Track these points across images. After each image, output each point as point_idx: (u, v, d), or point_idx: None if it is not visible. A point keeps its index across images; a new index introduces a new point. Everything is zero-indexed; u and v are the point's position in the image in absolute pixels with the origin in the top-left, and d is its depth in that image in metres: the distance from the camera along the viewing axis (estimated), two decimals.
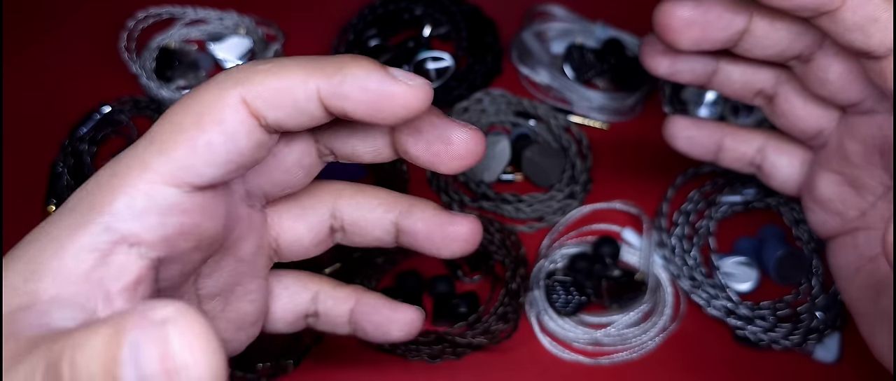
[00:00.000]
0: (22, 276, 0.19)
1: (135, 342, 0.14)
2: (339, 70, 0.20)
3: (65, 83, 0.43)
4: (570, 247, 0.36)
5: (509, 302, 0.34)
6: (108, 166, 0.21)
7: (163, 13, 0.45)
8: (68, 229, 0.20)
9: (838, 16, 0.23)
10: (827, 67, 0.25)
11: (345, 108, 0.20)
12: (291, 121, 0.21)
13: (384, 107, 0.20)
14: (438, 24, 0.44)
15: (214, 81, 0.21)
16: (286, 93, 0.20)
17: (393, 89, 0.20)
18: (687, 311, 0.35)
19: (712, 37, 0.25)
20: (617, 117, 0.41)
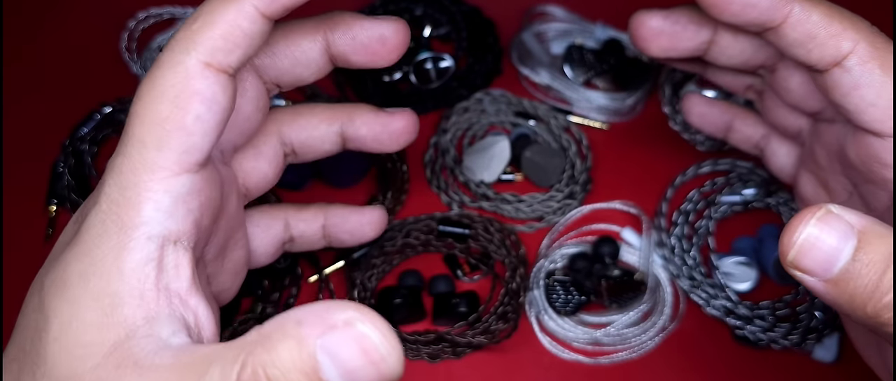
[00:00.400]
0: (99, 312, 0.19)
1: (327, 346, 0.16)
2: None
3: (66, 83, 0.43)
4: (569, 247, 0.37)
5: (509, 302, 0.34)
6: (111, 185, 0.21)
7: (163, 13, 0.45)
8: (112, 253, 0.20)
9: (781, 32, 0.24)
10: (788, 77, 0.27)
11: (285, 4, 0.23)
12: (250, 51, 0.22)
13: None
14: (438, 25, 0.44)
15: (168, 54, 0.21)
16: (233, 27, 0.21)
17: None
18: (686, 311, 0.35)
19: (680, 46, 0.28)
20: (617, 118, 0.41)
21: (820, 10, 0.24)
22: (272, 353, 0.16)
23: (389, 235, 0.36)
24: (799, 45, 0.24)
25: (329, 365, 0.16)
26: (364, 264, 0.35)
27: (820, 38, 0.24)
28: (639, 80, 0.41)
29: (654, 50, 0.28)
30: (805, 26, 0.24)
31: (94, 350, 0.19)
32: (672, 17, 0.27)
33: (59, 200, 0.39)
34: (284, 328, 0.17)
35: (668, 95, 0.41)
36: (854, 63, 0.23)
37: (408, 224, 0.36)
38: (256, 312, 0.34)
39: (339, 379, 0.16)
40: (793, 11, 0.24)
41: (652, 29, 0.28)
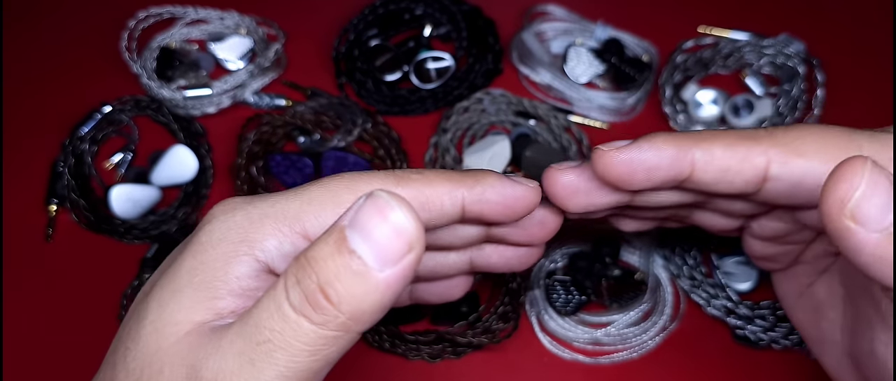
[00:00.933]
0: (195, 299, 0.21)
1: (353, 220, 0.18)
2: (478, 181, 0.24)
3: (66, 83, 0.43)
4: (570, 246, 0.36)
5: (509, 301, 0.34)
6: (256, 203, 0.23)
7: (164, 13, 0.45)
8: (224, 258, 0.22)
9: (695, 179, 0.24)
10: (728, 205, 0.26)
11: (483, 211, 0.24)
12: (432, 222, 0.24)
13: (515, 206, 0.25)
14: (439, 24, 0.44)
15: (378, 176, 0.23)
16: (437, 199, 0.24)
17: (522, 192, 0.25)
18: (687, 310, 0.35)
19: (600, 201, 0.26)
20: (617, 117, 0.41)
21: (719, 142, 0.23)
22: (310, 249, 0.18)
23: None
24: (718, 183, 0.24)
25: (355, 236, 0.18)
26: None
27: (733, 168, 0.23)
28: (639, 80, 0.41)
29: (573, 207, 0.26)
30: (714, 165, 0.23)
31: (181, 328, 0.20)
32: (585, 172, 0.25)
33: (60, 199, 0.39)
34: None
35: (668, 95, 0.41)
36: (777, 169, 0.23)
37: None
38: None
39: (365, 247, 0.18)
40: (695, 158, 0.23)
41: (566, 186, 0.26)
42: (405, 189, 0.23)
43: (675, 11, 0.46)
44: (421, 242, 0.18)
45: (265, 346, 0.19)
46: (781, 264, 0.29)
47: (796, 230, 0.26)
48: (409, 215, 0.18)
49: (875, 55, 0.44)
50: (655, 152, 0.23)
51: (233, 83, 0.42)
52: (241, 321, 0.19)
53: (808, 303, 0.28)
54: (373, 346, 0.34)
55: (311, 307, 0.18)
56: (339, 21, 0.45)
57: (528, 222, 0.26)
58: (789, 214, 0.25)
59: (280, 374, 0.19)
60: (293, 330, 0.18)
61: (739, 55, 0.43)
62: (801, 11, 0.46)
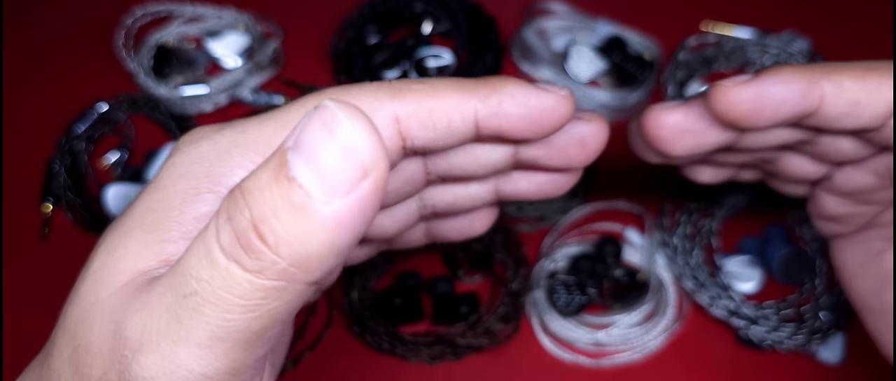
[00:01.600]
0: (142, 243, 0.18)
1: (296, 139, 0.14)
2: (495, 90, 0.20)
3: (62, 81, 0.43)
4: (571, 246, 0.36)
5: (510, 302, 0.34)
6: (225, 135, 0.19)
7: (160, 10, 0.44)
8: (183, 196, 0.18)
9: (821, 113, 0.22)
10: (836, 142, 0.24)
11: (501, 126, 0.20)
12: (438, 142, 0.20)
13: (542, 119, 0.20)
14: (438, 21, 0.44)
15: (369, 88, 0.19)
16: (443, 114, 0.19)
17: (549, 101, 0.20)
18: (690, 311, 0.35)
19: (707, 142, 0.24)
20: (619, 115, 0.41)
21: (849, 74, 0.22)
22: (246, 178, 0.15)
23: None
24: (844, 117, 0.22)
25: (297, 159, 0.14)
26: (363, 264, 0.35)
27: (863, 101, 0.22)
28: (641, 77, 0.41)
29: (678, 150, 0.23)
30: (844, 98, 0.22)
31: (120, 277, 0.17)
32: (693, 111, 0.23)
33: (56, 198, 0.38)
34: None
35: (670, 93, 0.41)
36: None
37: None
38: None
39: (308, 173, 0.14)
40: (825, 90, 0.22)
41: (672, 127, 0.23)
42: (402, 102, 0.19)
43: (677, 8, 0.46)
44: (380, 165, 0.14)
45: (192, 299, 0.15)
46: (849, 228, 0.27)
47: (883, 186, 0.25)
48: (364, 129, 0.14)
49: (880, 53, 0.44)
50: (784, 86, 0.21)
51: (230, 81, 0.41)
52: (170, 270, 0.16)
53: (875, 272, 0.27)
54: (372, 347, 0.34)
55: (244, 251, 0.15)
56: (338, 18, 0.44)
57: (564, 140, 0.22)
58: (884, 165, 0.24)
59: (212, 334, 0.15)
60: (223, 279, 0.15)
61: (743, 53, 0.42)
62: (806, 8, 0.45)
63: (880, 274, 0.26)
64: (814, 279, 0.34)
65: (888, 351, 0.27)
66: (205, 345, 0.15)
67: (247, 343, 0.16)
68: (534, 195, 0.24)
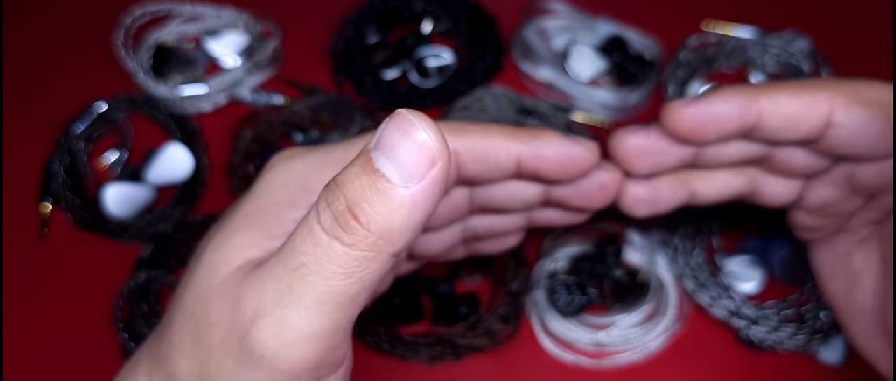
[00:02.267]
0: (248, 238, 0.22)
1: (377, 140, 0.18)
2: (535, 137, 0.25)
3: (60, 80, 0.43)
4: (572, 246, 0.36)
5: (510, 302, 0.34)
6: (317, 154, 0.24)
7: (160, 9, 0.44)
8: (281, 204, 0.23)
9: (761, 127, 0.25)
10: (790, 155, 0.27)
11: (538, 168, 0.25)
12: (486, 175, 0.25)
13: (571, 165, 0.25)
14: (438, 21, 0.44)
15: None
16: (493, 152, 0.25)
17: (579, 152, 0.25)
18: (690, 312, 0.35)
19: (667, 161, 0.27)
20: (619, 115, 0.41)
21: (785, 91, 0.25)
22: (339, 173, 0.19)
23: None
24: (784, 130, 0.25)
25: (380, 156, 0.18)
26: None
27: (798, 114, 0.24)
28: (641, 77, 0.41)
29: (641, 168, 0.27)
30: (780, 113, 0.24)
31: (232, 264, 0.21)
32: (652, 133, 0.26)
33: (55, 198, 0.38)
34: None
35: (671, 92, 0.41)
36: (840, 117, 0.24)
37: None
38: None
39: (389, 165, 0.18)
40: (763, 106, 0.24)
41: (634, 148, 0.26)
42: (462, 139, 0.24)
43: (678, 7, 0.46)
44: (444, 156, 0.18)
45: (300, 270, 0.19)
46: (822, 234, 0.29)
47: (845, 197, 0.27)
48: (431, 130, 0.18)
49: (881, 52, 0.43)
50: (725, 103, 0.25)
51: (229, 80, 0.41)
52: (279, 250, 0.20)
53: (844, 272, 0.29)
54: (372, 348, 0.34)
55: (342, 229, 0.18)
56: (338, 17, 0.44)
57: (588, 184, 0.27)
58: (842, 176, 0.26)
59: (317, 298, 0.19)
60: (326, 253, 0.18)
61: (744, 52, 0.42)
62: (807, 7, 0.45)
63: (848, 275, 0.28)
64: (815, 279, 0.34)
65: (860, 347, 0.28)
66: (311, 307, 0.19)
67: (344, 306, 0.19)
68: (558, 224, 0.29)
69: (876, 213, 0.27)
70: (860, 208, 0.27)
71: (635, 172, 0.27)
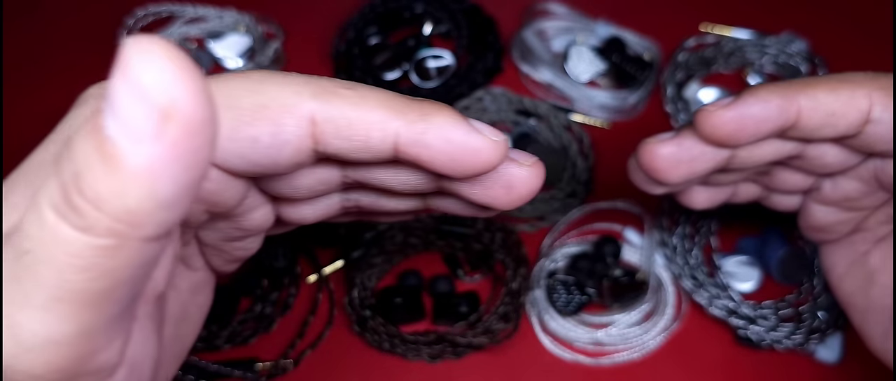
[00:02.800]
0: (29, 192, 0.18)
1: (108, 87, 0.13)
2: (423, 117, 0.19)
3: (64, 81, 0.43)
4: (571, 246, 0.36)
5: (510, 302, 0.34)
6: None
7: (162, 11, 0.44)
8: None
9: (800, 126, 0.24)
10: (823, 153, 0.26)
11: (420, 156, 0.19)
12: (352, 155, 0.19)
13: (465, 161, 0.19)
14: (439, 22, 0.44)
15: (294, 82, 0.18)
16: (362, 128, 0.18)
17: (478, 144, 0.19)
18: (688, 311, 0.35)
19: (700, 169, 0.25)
20: (618, 116, 0.41)
21: (823, 87, 0.23)
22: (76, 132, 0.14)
23: (389, 234, 0.36)
24: (823, 127, 0.24)
25: (107, 107, 0.13)
26: (364, 263, 0.35)
27: (838, 111, 0.23)
28: (640, 78, 0.41)
29: (676, 178, 0.25)
30: (819, 110, 0.23)
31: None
32: (684, 140, 0.24)
33: None
34: None
35: (670, 93, 0.41)
36: (879, 112, 0.23)
37: (408, 223, 0.36)
38: (255, 311, 0.34)
39: (112, 121, 0.13)
40: (801, 104, 0.23)
41: (667, 157, 0.24)
42: (323, 104, 0.18)
43: (676, 9, 0.46)
44: (186, 107, 0.13)
45: (26, 258, 0.14)
46: (837, 235, 0.29)
47: (870, 192, 0.26)
48: (157, 66, 0.12)
49: (877, 54, 0.44)
50: (763, 105, 0.23)
51: None
52: (10, 229, 0.15)
53: (860, 271, 0.28)
54: (372, 346, 0.34)
55: (69, 208, 0.14)
56: (339, 19, 0.45)
57: (491, 180, 0.20)
58: (869, 171, 0.26)
59: (51, 296, 0.14)
60: (54, 238, 0.14)
61: (742, 54, 0.42)
62: (804, 9, 0.46)
63: (865, 273, 0.28)
64: (812, 279, 0.35)
65: (876, 347, 0.28)
66: (45, 307, 0.14)
67: (93, 305, 0.15)
68: (462, 214, 0.23)
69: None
70: (882, 204, 0.27)
71: (669, 183, 0.25)
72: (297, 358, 0.33)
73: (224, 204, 0.20)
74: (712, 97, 0.40)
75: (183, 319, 0.23)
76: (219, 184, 0.19)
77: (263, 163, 0.18)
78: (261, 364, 0.33)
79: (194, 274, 0.24)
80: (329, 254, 0.36)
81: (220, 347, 0.33)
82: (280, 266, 0.35)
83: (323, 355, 0.34)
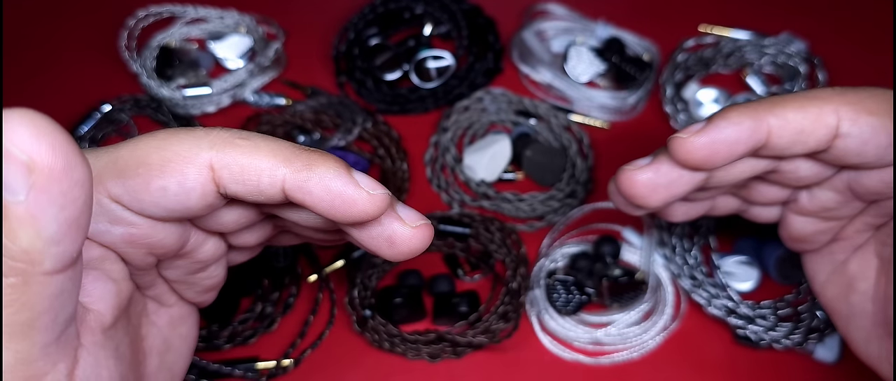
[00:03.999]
0: None
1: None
2: (308, 166, 0.21)
3: (65, 81, 0.43)
4: (570, 246, 0.36)
5: (510, 301, 0.34)
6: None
7: (163, 11, 0.45)
8: None
9: (771, 145, 0.24)
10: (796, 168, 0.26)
11: (305, 201, 0.21)
12: (249, 197, 0.21)
13: (343, 209, 0.21)
14: (439, 23, 0.44)
15: (193, 136, 0.21)
16: (253, 174, 0.21)
17: (354, 196, 0.21)
18: (687, 310, 0.35)
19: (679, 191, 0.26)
20: (617, 116, 0.41)
21: (791, 105, 0.24)
22: None
23: None
24: (793, 145, 0.24)
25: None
26: (364, 263, 0.35)
27: (807, 128, 0.24)
28: (640, 78, 0.41)
29: (656, 202, 0.26)
30: (789, 129, 0.24)
31: None
32: (661, 165, 0.25)
33: None
34: None
35: (669, 94, 0.41)
36: (847, 127, 0.24)
37: None
38: (256, 311, 0.34)
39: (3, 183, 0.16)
40: (771, 124, 0.24)
41: (645, 184, 0.25)
42: (219, 153, 0.20)
43: (676, 10, 0.46)
44: (45, 160, 0.16)
45: None
46: (817, 245, 0.29)
47: (845, 202, 0.27)
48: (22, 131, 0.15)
49: (876, 54, 0.44)
50: (734, 128, 0.24)
51: (232, 82, 0.42)
52: None
53: (841, 279, 0.29)
54: (373, 345, 0.34)
55: None
56: (339, 20, 0.45)
57: (376, 230, 0.22)
58: (843, 182, 0.26)
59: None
60: None
61: (740, 54, 0.42)
62: (803, 10, 0.46)
63: (845, 281, 0.28)
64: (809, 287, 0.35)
65: (860, 352, 0.28)
66: None
67: (21, 335, 0.17)
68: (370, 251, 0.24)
69: (874, 218, 0.27)
70: (858, 213, 0.27)
71: (649, 208, 0.26)
72: (298, 358, 0.34)
73: (164, 245, 0.22)
74: (711, 98, 0.41)
75: (167, 350, 0.26)
76: (146, 229, 0.21)
77: (177, 208, 0.21)
78: (262, 364, 0.33)
79: (170, 310, 0.26)
80: (330, 254, 0.37)
81: (221, 346, 0.33)
82: (281, 266, 0.35)
83: (324, 354, 0.34)
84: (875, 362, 0.27)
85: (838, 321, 0.29)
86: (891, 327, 0.26)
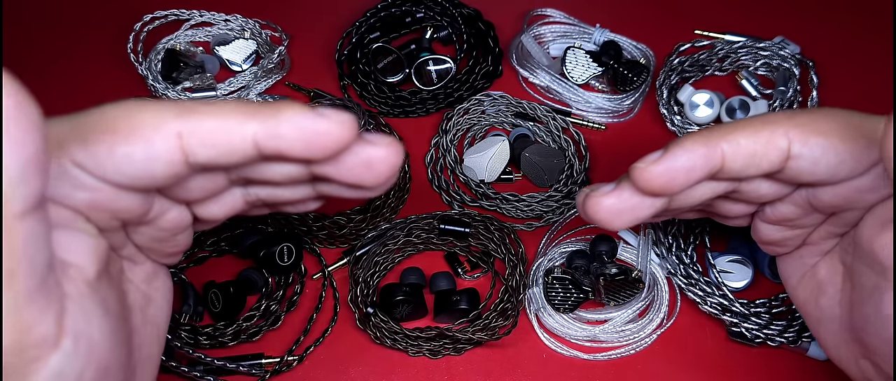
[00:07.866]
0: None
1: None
2: (275, 113, 0.21)
3: (72, 85, 0.44)
4: (568, 245, 0.37)
5: (509, 299, 0.35)
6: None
7: (169, 15, 0.45)
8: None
9: (726, 169, 0.25)
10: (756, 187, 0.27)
11: (280, 147, 0.21)
12: (222, 160, 0.22)
13: (317, 143, 0.21)
14: (440, 28, 0.45)
15: (159, 104, 0.21)
16: (223, 134, 0.21)
17: (326, 126, 0.21)
18: (682, 308, 0.36)
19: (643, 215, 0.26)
20: (614, 118, 0.42)
21: (743, 131, 0.25)
22: None
23: (392, 233, 0.37)
24: (747, 168, 0.25)
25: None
26: (367, 261, 0.36)
27: (758, 152, 0.25)
28: (636, 81, 0.42)
29: (619, 226, 0.27)
30: (741, 153, 0.25)
31: None
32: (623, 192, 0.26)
33: None
34: None
35: (664, 96, 0.42)
36: (798, 148, 0.25)
37: (409, 223, 0.37)
38: (261, 309, 0.35)
39: None
40: (724, 150, 0.25)
41: (610, 208, 0.26)
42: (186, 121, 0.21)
43: (671, 15, 0.47)
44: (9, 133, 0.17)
45: None
46: (788, 249, 0.30)
47: (806, 214, 0.28)
48: None
49: (869, 58, 0.44)
50: (689, 156, 0.25)
51: (237, 85, 0.42)
52: None
53: (810, 282, 0.29)
54: (375, 342, 0.35)
55: None
56: (342, 24, 0.45)
57: (352, 161, 0.23)
58: (802, 197, 0.27)
59: None
60: None
61: (735, 57, 0.43)
62: (796, 15, 0.46)
63: (815, 284, 0.29)
64: None
65: (831, 354, 0.29)
66: None
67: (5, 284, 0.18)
68: (345, 197, 0.25)
69: (837, 227, 0.28)
70: (821, 223, 0.28)
71: (616, 230, 0.27)
72: (302, 354, 0.34)
73: (128, 211, 0.22)
74: (705, 100, 0.41)
75: (147, 304, 0.26)
76: (109, 195, 0.22)
77: (141, 176, 0.21)
78: (267, 360, 0.34)
79: (143, 267, 0.26)
80: (334, 252, 0.37)
81: (227, 343, 0.34)
82: (286, 264, 0.35)
83: (328, 350, 0.35)
84: (845, 364, 0.28)
85: (810, 322, 0.30)
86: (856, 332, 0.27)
